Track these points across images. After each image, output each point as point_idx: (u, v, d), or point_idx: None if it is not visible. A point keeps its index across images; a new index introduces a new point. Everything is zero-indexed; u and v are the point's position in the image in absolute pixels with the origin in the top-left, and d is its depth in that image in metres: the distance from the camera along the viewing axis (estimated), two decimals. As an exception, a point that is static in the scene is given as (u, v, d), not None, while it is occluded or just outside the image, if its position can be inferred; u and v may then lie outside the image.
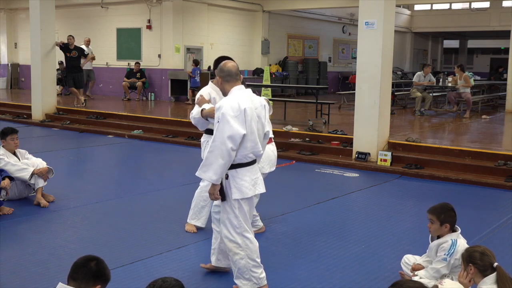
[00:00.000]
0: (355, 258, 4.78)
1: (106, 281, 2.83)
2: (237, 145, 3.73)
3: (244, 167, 3.86)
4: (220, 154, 3.70)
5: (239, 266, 3.90)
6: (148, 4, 16.72)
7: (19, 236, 5.26)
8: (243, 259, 3.88)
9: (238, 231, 3.88)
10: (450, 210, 4.01)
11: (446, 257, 3.89)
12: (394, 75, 17.82)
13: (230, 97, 3.85)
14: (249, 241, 3.90)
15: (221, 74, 3.93)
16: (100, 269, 2.80)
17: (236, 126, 3.70)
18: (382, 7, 8.52)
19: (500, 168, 7.98)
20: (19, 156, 6.41)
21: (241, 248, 3.88)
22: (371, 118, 8.79)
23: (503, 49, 30.87)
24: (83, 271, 2.77)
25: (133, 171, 8.76)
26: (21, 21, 20.33)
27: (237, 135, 3.70)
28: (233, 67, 3.96)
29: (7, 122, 12.82)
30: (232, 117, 3.70)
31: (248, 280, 3.90)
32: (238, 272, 3.92)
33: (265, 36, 19.71)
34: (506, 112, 15.23)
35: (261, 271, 3.95)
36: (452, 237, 3.95)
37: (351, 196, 7.20)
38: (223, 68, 3.94)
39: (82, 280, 2.76)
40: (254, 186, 3.91)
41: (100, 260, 2.84)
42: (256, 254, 3.92)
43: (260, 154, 3.95)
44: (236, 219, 3.88)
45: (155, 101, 16.66)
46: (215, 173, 3.74)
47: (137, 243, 5.08)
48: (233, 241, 3.89)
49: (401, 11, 25.59)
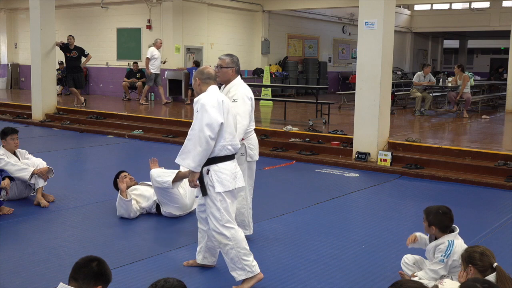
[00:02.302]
0: (355, 258, 4.78)
1: (107, 281, 2.83)
2: (215, 133, 3.90)
3: (224, 161, 4.04)
4: (198, 141, 3.88)
5: (231, 257, 4.05)
6: (148, 4, 16.72)
7: (19, 236, 5.26)
8: (233, 248, 4.03)
9: (221, 223, 4.03)
10: (442, 214, 3.97)
11: (443, 258, 3.89)
12: (394, 75, 17.85)
13: (208, 92, 4.09)
14: (234, 230, 4.05)
15: (201, 76, 4.20)
16: (102, 269, 2.80)
17: (214, 114, 3.91)
18: (382, 7, 8.52)
19: (500, 168, 7.98)
20: (19, 156, 6.41)
21: (229, 239, 4.03)
22: (371, 118, 8.79)
23: (503, 49, 30.89)
24: (85, 272, 2.76)
25: (133, 171, 8.73)
26: (21, 21, 20.34)
27: (215, 123, 3.89)
28: (212, 71, 4.28)
29: (7, 122, 12.83)
30: (211, 107, 3.93)
31: (242, 269, 4.04)
32: (232, 262, 4.06)
33: (265, 36, 19.71)
34: (506, 112, 15.23)
35: (252, 258, 4.08)
36: (449, 238, 3.95)
37: (351, 196, 7.19)
38: (203, 71, 4.23)
39: (84, 280, 2.75)
40: (235, 180, 4.09)
41: (102, 261, 2.84)
42: (244, 242, 4.08)
43: (238, 148, 4.16)
44: (218, 212, 4.02)
45: (155, 101, 16.66)
46: (194, 160, 3.90)
47: (137, 243, 5.08)
48: (220, 233, 4.04)
49: (401, 11, 25.59)
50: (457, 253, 3.87)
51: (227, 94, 4.89)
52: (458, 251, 3.87)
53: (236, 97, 4.80)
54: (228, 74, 4.88)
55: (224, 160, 4.04)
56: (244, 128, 4.79)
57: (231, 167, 4.08)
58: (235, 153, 4.15)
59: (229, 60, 4.89)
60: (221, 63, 4.88)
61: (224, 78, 4.90)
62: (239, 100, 4.79)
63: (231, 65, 4.87)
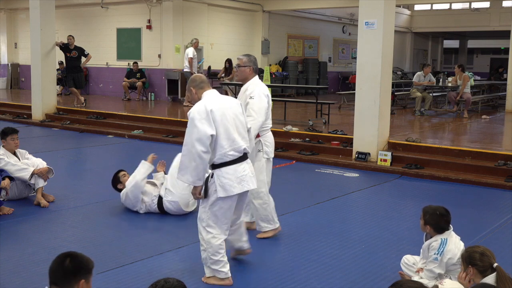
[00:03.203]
0: (355, 258, 4.78)
1: (87, 272, 2.65)
2: (207, 147, 3.89)
3: (228, 165, 4.01)
4: (192, 157, 3.91)
5: (203, 256, 4.14)
6: (148, 4, 16.72)
7: (19, 236, 5.26)
8: (205, 251, 4.10)
9: (204, 224, 4.08)
10: (438, 215, 3.97)
11: (437, 257, 3.89)
12: (394, 75, 17.84)
13: (198, 103, 4.05)
14: (212, 236, 4.06)
15: (194, 84, 4.17)
16: (77, 264, 2.63)
17: (202, 128, 3.88)
18: (382, 7, 8.52)
19: (500, 168, 7.98)
20: (19, 156, 6.41)
21: (204, 241, 4.09)
22: (371, 118, 8.79)
23: (503, 49, 30.88)
24: (60, 274, 2.61)
25: (133, 171, 8.74)
26: (21, 21, 20.33)
27: (204, 137, 3.87)
28: (203, 76, 4.28)
29: (7, 122, 12.83)
30: (199, 120, 3.90)
31: (211, 270, 4.13)
32: (203, 260, 4.16)
33: (265, 36, 19.71)
34: (506, 112, 15.23)
35: (220, 266, 4.07)
36: (443, 236, 3.96)
37: (351, 196, 7.19)
38: (194, 78, 4.23)
39: (63, 282, 2.60)
40: (241, 184, 4.04)
41: (74, 255, 2.67)
42: (216, 251, 4.05)
43: (242, 150, 4.08)
44: (205, 214, 4.07)
45: (155, 101, 16.66)
46: (191, 175, 3.95)
47: (137, 243, 5.08)
48: (200, 233, 4.12)
49: (401, 11, 25.59)
50: (451, 251, 3.88)
51: (245, 92, 5.05)
52: (452, 249, 3.88)
53: (253, 95, 4.98)
54: (246, 72, 5.09)
55: (229, 164, 4.01)
56: (259, 125, 4.91)
57: (237, 170, 4.03)
58: (242, 155, 4.08)
59: (246, 59, 5.10)
60: (239, 62, 5.13)
61: (242, 76, 5.13)
62: (255, 97, 4.97)
63: (248, 64, 5.08)
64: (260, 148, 5.09)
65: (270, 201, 5.22)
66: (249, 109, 4.93)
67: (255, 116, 4.88)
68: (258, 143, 5.07)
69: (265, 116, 5.02)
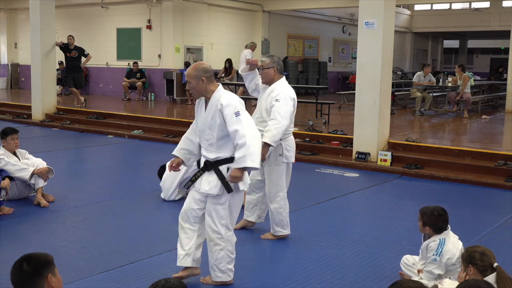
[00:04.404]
0: (355, 258, 4.78)
1: (49, 264, 2.58)
2: None
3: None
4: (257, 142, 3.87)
5: (217, 257, 3.99)
6: (148, 4, 16.72)
7: (19, 236, 5.26)
8: (223, 250, 3.98)
9: (223, 222, 3.95)
10: (436, 215, 3.98)
11: (436, 257, 3.89)
12: (394, 75, 17.83)
13: (227, 95, 3.92)
14: (232, 233, 4.02)
15: (206, 74, 3.92)
16: (35, 263, 2.55)
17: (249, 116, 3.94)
18: (382, 7, 8.52)
19: (500, 168, 7.98)
20: (19, 156, 6.41)
21: (223, 240, 3.97)
22: (371, 118, 8.79)
23: (503, 49, 30.87)
24: (25, 280, 2.51)
25: (133, 171, 8.76)
26: (21, 21, 20.33)
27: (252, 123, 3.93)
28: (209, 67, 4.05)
29: (7, 122, 12.82)
30: (244, 109, 3.91)
31: (223, 272, 4.02)
32: (215, 263, 4.01)
33: (265, 36, 19.70)
34: (506, 112, 15.23)
35: (233, 264, 4.08)
36: (441, 236, 3.96)
37: (351, 196, 7.19)
38: (207, 68, 3.97)
39: (33, 286, 2.52)
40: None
41: (27, 257, 2.56)
42: (233, 248, 4.05)
43: None
44: (224, 211, 3.95)
45: (155, 101, 16.66)
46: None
47: (137, 243, 5.08)
48: (216, 232, 3.96)
49: (401, 11, 25.58)
50: (450, 251, 3.88)
51: (271, 94, 4.93)
52: (451, 249, 3.89)
53: (279, 97, 4.86)
54: (270, 74, 4.98)
55: None
56: (284, 129, 4.81)
57: None
58: None
59: (269, 61, 4.99)
60: (262, 64, 5.00)
61: (267, 78, 5.01)
62: (281, 100, 4.85)
63: (271, 65, 4.97)
64: (281, 152, 4.96)
65: (286, 206, 5.15)
66: (274, 111, 4.81)
67: (280, 119, 4.75)
68: (279, 147, 4.93)
69: (290, 120, 4.91)
